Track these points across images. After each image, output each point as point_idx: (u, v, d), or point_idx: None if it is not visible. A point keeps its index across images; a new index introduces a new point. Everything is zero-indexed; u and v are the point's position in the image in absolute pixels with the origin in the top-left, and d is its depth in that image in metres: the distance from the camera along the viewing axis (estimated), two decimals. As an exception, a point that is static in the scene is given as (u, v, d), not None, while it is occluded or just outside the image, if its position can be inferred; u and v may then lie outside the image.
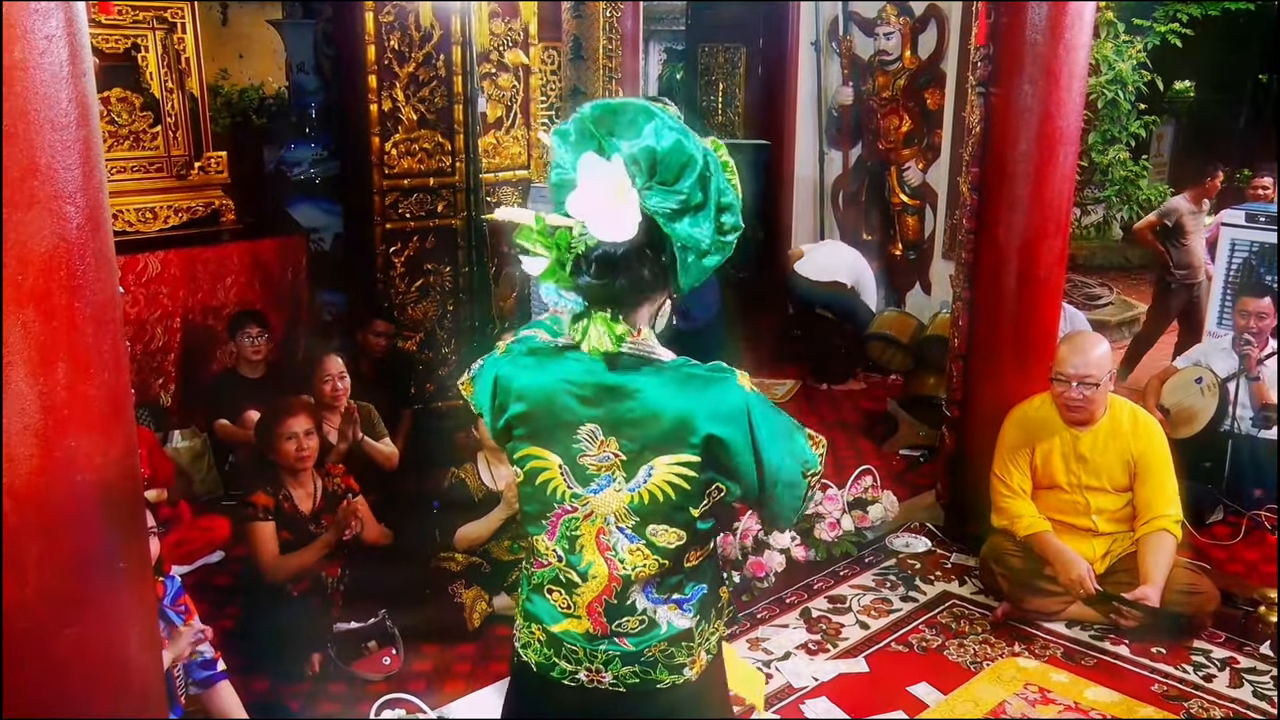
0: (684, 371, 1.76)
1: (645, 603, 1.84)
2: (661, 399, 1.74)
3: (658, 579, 1.83)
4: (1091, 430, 3.82)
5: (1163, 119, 12.39)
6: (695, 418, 1.72)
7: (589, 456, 1.79)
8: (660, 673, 1.86)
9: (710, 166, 1.66)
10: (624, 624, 1.84)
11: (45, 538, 1.85)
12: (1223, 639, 3.74)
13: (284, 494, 3.77)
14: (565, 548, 1.85)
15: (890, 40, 6.86)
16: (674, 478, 1.75)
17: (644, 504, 1.78)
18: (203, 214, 5.37)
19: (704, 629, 1.89)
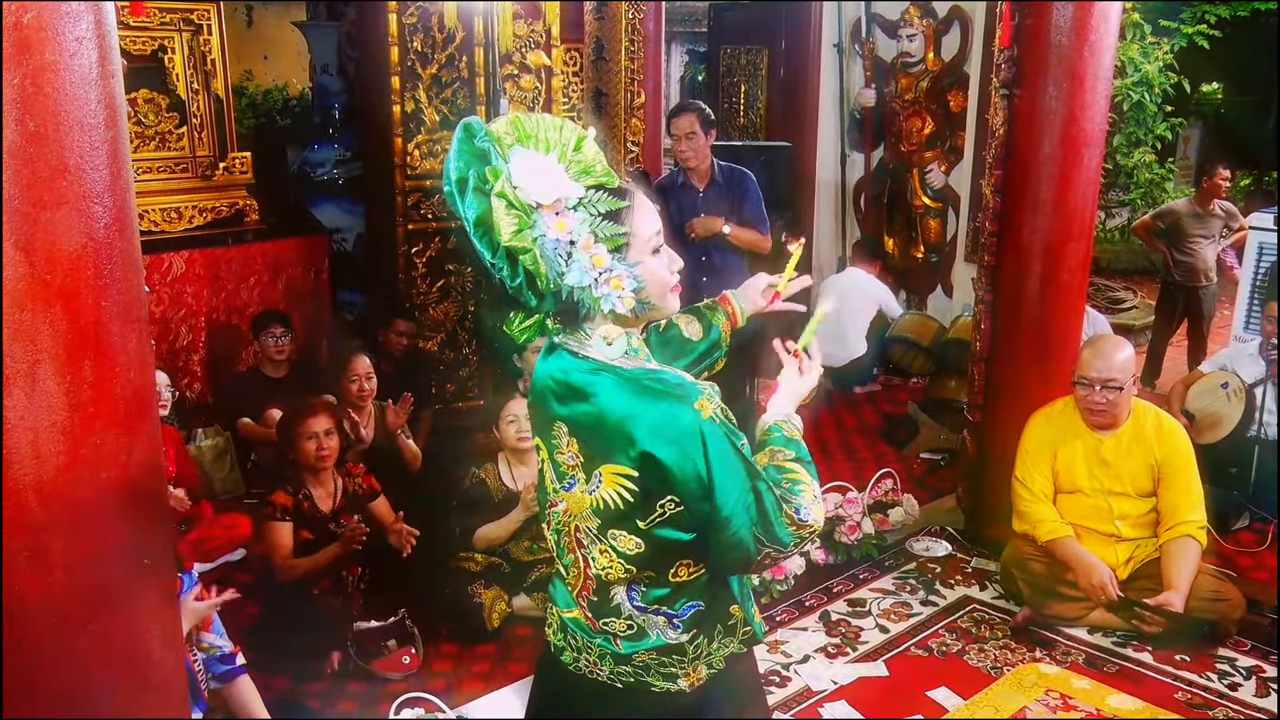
0: (642, 383, 1.68)
1: (630, 608, 1.81)
2: (611, 406, 1.69)
3: (638, 585, 1.79)
4: (1115, 435, 3.80)
5: (1189, 121, 12.28)
6: (636, 431, 1.66)
7: (562, 454, 1.79)
8: (653, 677, 1.84)
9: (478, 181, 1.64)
10: (611, 624, 1.82)
11: (71, 533, 1.87)
12: (1248, 647, 3.71)
13: (304, 493, 3.79)
14: (554, 540, 1.87)
15: (913, 42, 6.84)
16: (616, 487, 1.71)
17: (600, 508, 1.75)
18: (227, 214, 5.41)
19: (701, 644, 1.84)
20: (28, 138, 1.72)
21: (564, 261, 1.63)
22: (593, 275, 1.65)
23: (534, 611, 3.86)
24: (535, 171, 1.61)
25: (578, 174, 1.65)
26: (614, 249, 1.67)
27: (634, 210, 1.70)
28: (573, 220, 1.63)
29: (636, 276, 1.68)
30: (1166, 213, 6.89)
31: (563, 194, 1.63)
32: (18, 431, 1.78)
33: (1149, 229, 6.89)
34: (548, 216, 1.62)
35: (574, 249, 1.64)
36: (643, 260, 1.70)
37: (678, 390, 1.67)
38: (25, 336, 1.76)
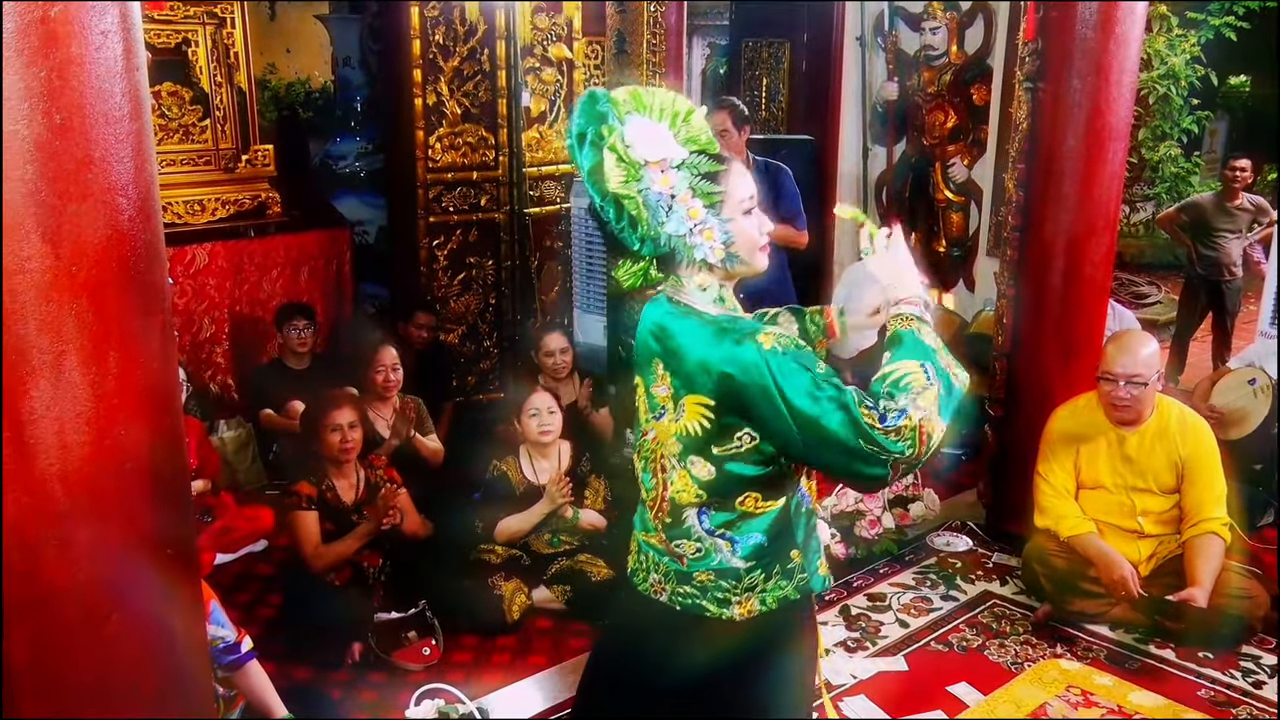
0: (721, 325, 1.89)
1: (700, 530, 1.99)
2: (694, 345, 1.90)
3: (708, 510, 1.98)
4: (1138, 430, 3.77)
5: (1216, 114, 12.17)
6: (713, 367, 1.86)
7: (656, 387, 2.00)
8: (709, 600, 1.99)
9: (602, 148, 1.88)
10: (681, 545, 2.01)
11: (96, 523, 1.88)
12: (1273, 645, 3.69)
13: (327, 484, 3.82)
14: (641, 466, 2.08)
15: (936, 35, 6.79)
16: (698, 417, 1.91)
17: (683, 435, 1.95)
18: (250, 206, 5.43)
19: (756, 576, 1.98)
20: (54, 130, 1.72)
21: (664, 212, 1.88)
22: (688, 226, 1.89)
23: (554, 604, 3.87)
24: (646, 134, 1.87)
25: (684, 140, 1.90)
26: (709, 205, 1.89)
27: (730, 174, 1.91)
28: (675, 177, 1.87)
29: (727, 231, 1.90)
30: (1191, 206, 6.86)
31: (668, 155, 1.88)
32: (44, 422, 1.79)
33: (1173, 221, 6.87)
34: (653, 172, 1.87)
35: (674, 202, 1.88)
36: (734, 218, 1.91)
37: (747, 329, 1.86)
38: (51, 328, 1.77)
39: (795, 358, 1.81)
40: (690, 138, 1.91)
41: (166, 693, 2.05)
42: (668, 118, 1.90)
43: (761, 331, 1.83)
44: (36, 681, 1.91)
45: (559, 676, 3.49)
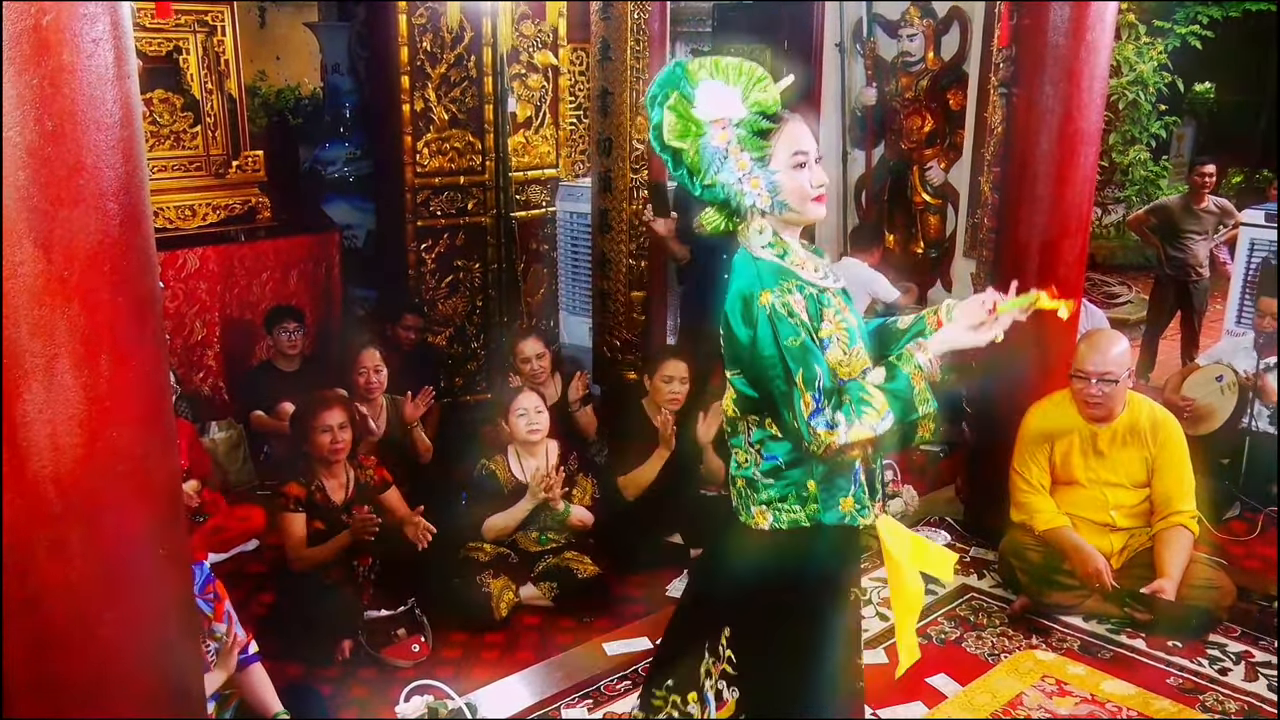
0: (758, 267, 2.17)
1: (747, 442, 2.27)
2: (735, 275, 2.20)
3: (754, 425, 2.25)
4: (1110, 427, 3.85)
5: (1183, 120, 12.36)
6: (734, 292, 2.17)
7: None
8: (740, 505, 2.31)
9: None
10: (736, 453, 2.31)
11: (89, 524, 1.90)
12: (1238, 633, 3.77)
13: (316, 485, 3.87)
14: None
15: (913, 42, 6.88)
16: (723, 336, 2.23)
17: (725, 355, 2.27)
18: (240, 211, 5.49)
19: (772, 495, 2.24)
20: (45, 137, 1.74)
21: (719, 163, 2.13)
22: (737, 175, 2.13)
23: (541, 601, 3.93)
24: (715, 95, 2.12)
25: (751, 103, 2.13)
26: (758, 158, 2.13)
27: (781, 132, 2.15)
28: (732, 133, 2.12)
29: (774, 181, 2.14)
30: (1159, 208, 6.98)
31: (729, 114, 2.12)
32: (36, 425, 1.81)
33: (1142, 223, 6.99)
34: (714, 129, 2.12)
35: (727, 154, 2.12)
36: (782, 170, 2.14)
37: (765, 278, 2.14)
38: (43, 332, 1.79)
39: (780, 320, 2.09)
40: (757, 101, 2.13)
41: (159, 692, 2.08)
42: (741, 83, 2.13)
43: (769, 289, 2.11)
44: (31, 681, 1.93)
45: (546, 672, 3.55)
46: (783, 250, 2.20)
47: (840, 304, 2.24)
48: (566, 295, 6.34)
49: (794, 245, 2.22)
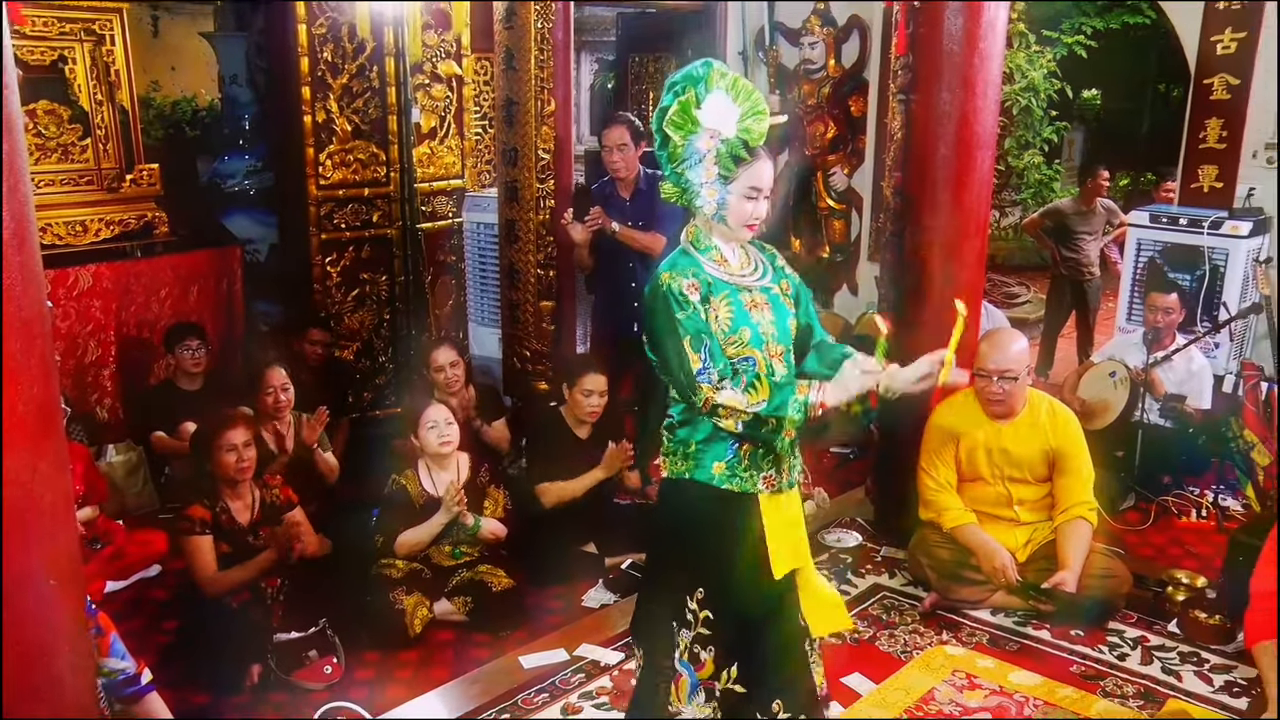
0: (673, 254, 2.58)
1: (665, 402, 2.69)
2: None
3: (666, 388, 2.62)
4: (1012, 424, 3.95)
5: (1073, 125, 12.88)
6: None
7: None
8: (662, 450, 2.69)
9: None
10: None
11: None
12: (1135, 619, 3.90)
13: (221, 506, 3.78)
14: None
15: (814, 50, 7.01)
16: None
17: None
18: (135, 227, 5.34)
19: (668, 448, 2.65)
20: None
21: (695, 161, 2.45)
22: (701, 180, 2.47)
23: (456, 616, 3.89)
24: (720, 107, 2.42)
25: (741, 128, 2.44)
26: (723, 176, 2.46)
27: (749, 167, 2.47)
28: (715, 145, 2.44)
29: (724, 199, 2.49)
30: (1053, 211, 7.24)
31: (722, 128, 2.43)
32: None
33: (1038, 226, 7.24)
34: (705, 133, 2.43)
35: (704, 159, 2.44)
36: (734, 194, 2.49)
37: (675, 263, 2.53)
38: None
39: (674, 296, 2.45)
40: (747, 128, 2.44)
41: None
42: (744, 106, 2.44)
43: (668, 271, 2.50)
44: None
45: (462, 689, 3.51)
46: (706, 247, 2.57)
47: (753, 299, 2.58)
48: (475, 306, 6.29)
49: (722, 246, 2.59)
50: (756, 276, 2.63)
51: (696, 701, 2.68)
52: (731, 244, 2.61)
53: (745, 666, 2.65)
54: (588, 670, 3.59)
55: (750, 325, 2.55)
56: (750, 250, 2.68)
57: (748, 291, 2.59)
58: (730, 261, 2.60)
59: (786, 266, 2.77)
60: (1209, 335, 5.44)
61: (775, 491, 2.63)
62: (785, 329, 2.63)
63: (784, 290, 2.68)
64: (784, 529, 2.65)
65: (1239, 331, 5.74)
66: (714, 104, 2.42)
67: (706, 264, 2.55)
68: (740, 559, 2.63)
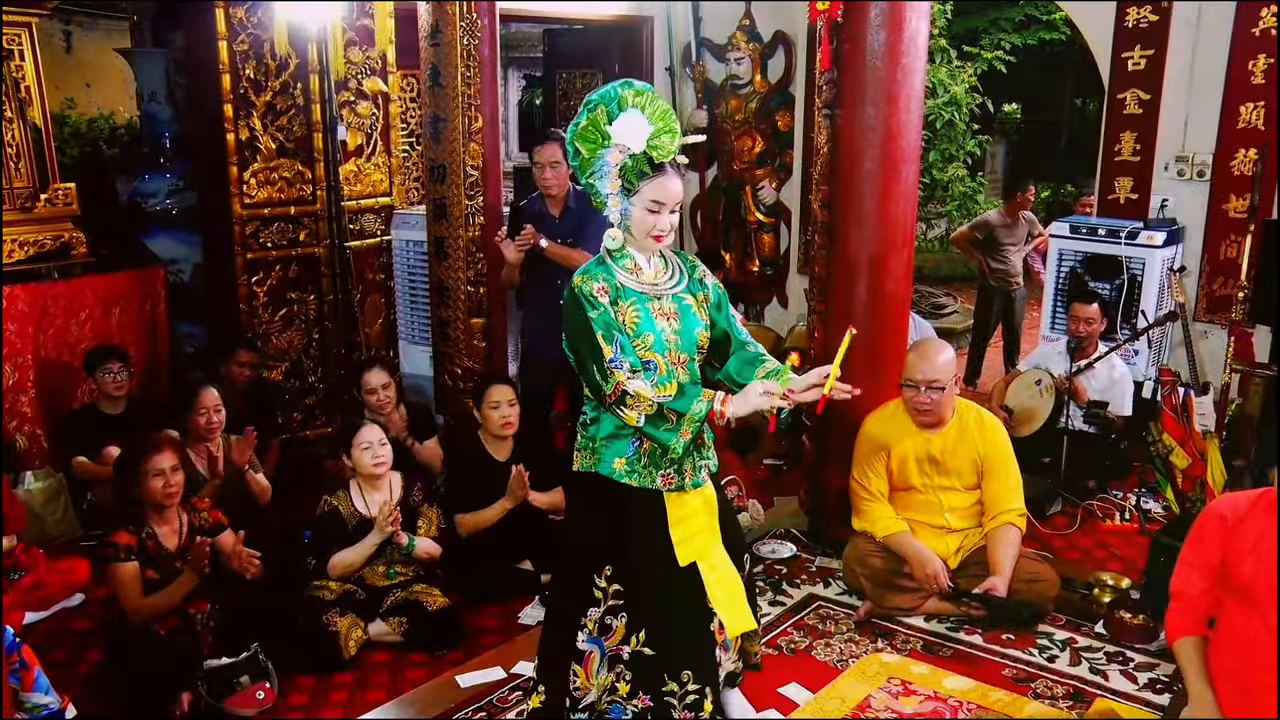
0: (589, 262, 2.78)
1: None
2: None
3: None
4: (941, 433, 4.02)
5: (995, 139, 13.20)
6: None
7: None
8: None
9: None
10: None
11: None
12: (1063, 621, 3.98)
13: (147, 531, 3.68)
14: None
15: (741, 65, 7.08)
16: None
17: None
18: (52, 248, 5.20)
19: (580, 443, 2.87)
20: None
21: (602, 174, 2.67)
22: (608, 190, 2.68)
23: (391, 636, 3.85)
24: (632, 124, 2.62)
25: (651, 145, 2.62)
26: (626, 189, 2.66)
27: (652, 181, 2.64)
28: (622, 159, 2.63)
29: (626, 210, 2.69)
30: (982, 224, 7.40)
31: (630, 144, 2.63)
32: None
33: (967, 238, 7.38)
34: (615, 148, 2.63)
35: (611, 172, 2.65)
36: (637, 206, 2.67)
37: (588, 268, 2.73)
38: None
39: (584, 298, 2.65)
40: (655, 145, 2.62)
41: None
42: (657, 125, 2.62)
43: (580, 276, 2.69)
44: None
45: (398, 710, 3.47)
46: (621, 255, 2.76)
47: (661, 308, 2.75)
48: (405, 324, 6.24)
49: (637, 255, 2.77)
50: (670, 285, 2.81)
51: (602, 675, 2.85)
52: (646, 253, 2.78)
53: (654, 634, 2.82)
54: (524, 688, 3.56)
55: (654, 331, 2.73)
56: (670, 259, 2.86)
57: (656, 300, 2.76)
58: (644, 270, 2.78)
59: (707, 276, 2.92)
60: (1129, 343, 5.59)
61: (677, 490, 2.82)
62: (691, 338, 2.80)
63: (700, 301, 2.85)
64: (688, 523, 2.84)
65: (1156, 339, 5.91)
66: (626, 121, 2.62)
67: (619, 271, 2.74)
68: (647, 544, 2.82)
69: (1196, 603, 2.72)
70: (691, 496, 2.84)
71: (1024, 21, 11.69)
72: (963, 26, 11.31)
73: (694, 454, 2.83)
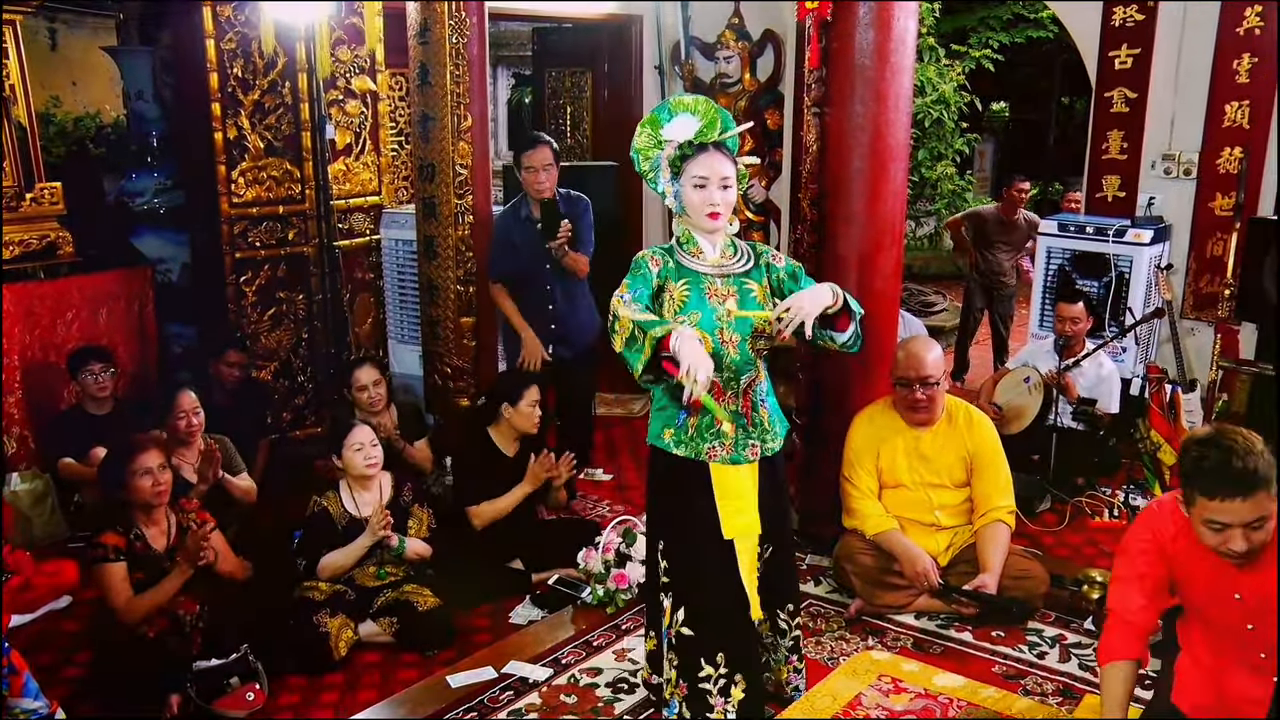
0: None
1: None
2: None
3: None
4: (931, 430, 4.03)
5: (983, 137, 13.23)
6: None
7: None
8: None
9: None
10: None
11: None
12: (1052, 618, 3.99)
13: (135, 533, 3.67)
14: None
15: (730, 64, 7.09)
16: None
17: None
18: (38, 247, 5.17)
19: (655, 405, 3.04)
20: None
21: (658, 172, 2.93)
22: (664, 183, 2.94)
23: (382, 637, 3.84)
24: (680, 123, 2.90)
25: (696, 134, 2.88)
26: (675, 174, 2.90)
27: (694, 160, 2.86)
28: (673, 151, 2.89)
29: (677, 193, 2.92)
30: (974, 215, 7.40)
31: (679, 137, 2.89)
32: None
33: (958, 226, 7.38)
34: (669, 144, 2.90)
35: (664, 166, 2.91)
36: (685, 187, 2.88)
37: (654, 248, 2.96)
38: None
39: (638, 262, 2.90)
40: (701, 132, 2.87)
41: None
42: (702, 121, 2.88)
43: (644, 252, 2.93)
44: None
45: (389, 711, 3.46)
46: (686, 241, 2.94)
47: (716, 289, 2.88)
48: (394, 324, 6.22)
49: (701, 240, 2.93)
50: (735, 267, 2.93)
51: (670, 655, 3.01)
52: (710, 238, 2.93)
53: (692, 611, 2.95)
54: (516, 688, 3.56)
55: (704, 310, 2.86)
56: (741, 246, 3.00)
57: (713, 281, 2.90)
58: (707, 254, 2.93)
59: (777, 259, 3.05)
60: (1116, 340, 5.61)
61: (724, 463, 2.93)
62: (746, 320, 2.89)
63: (764, 287, 2.97)
64: (733, 498, 2.94)
65: (1144, 336, 5.94)
66: (677, 122, 2.90)
67: (681, 254, 2.92)
68: (692, 515, 2.95)
69: (1134, 619, 2.63)
70: (741, 471, 2.96)
71: (1012, 20, 11.72)
72: (951, 25, 11.34)
73: (739, 431, 2.95)
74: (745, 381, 2.96)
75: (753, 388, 2.98)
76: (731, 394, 2.93)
